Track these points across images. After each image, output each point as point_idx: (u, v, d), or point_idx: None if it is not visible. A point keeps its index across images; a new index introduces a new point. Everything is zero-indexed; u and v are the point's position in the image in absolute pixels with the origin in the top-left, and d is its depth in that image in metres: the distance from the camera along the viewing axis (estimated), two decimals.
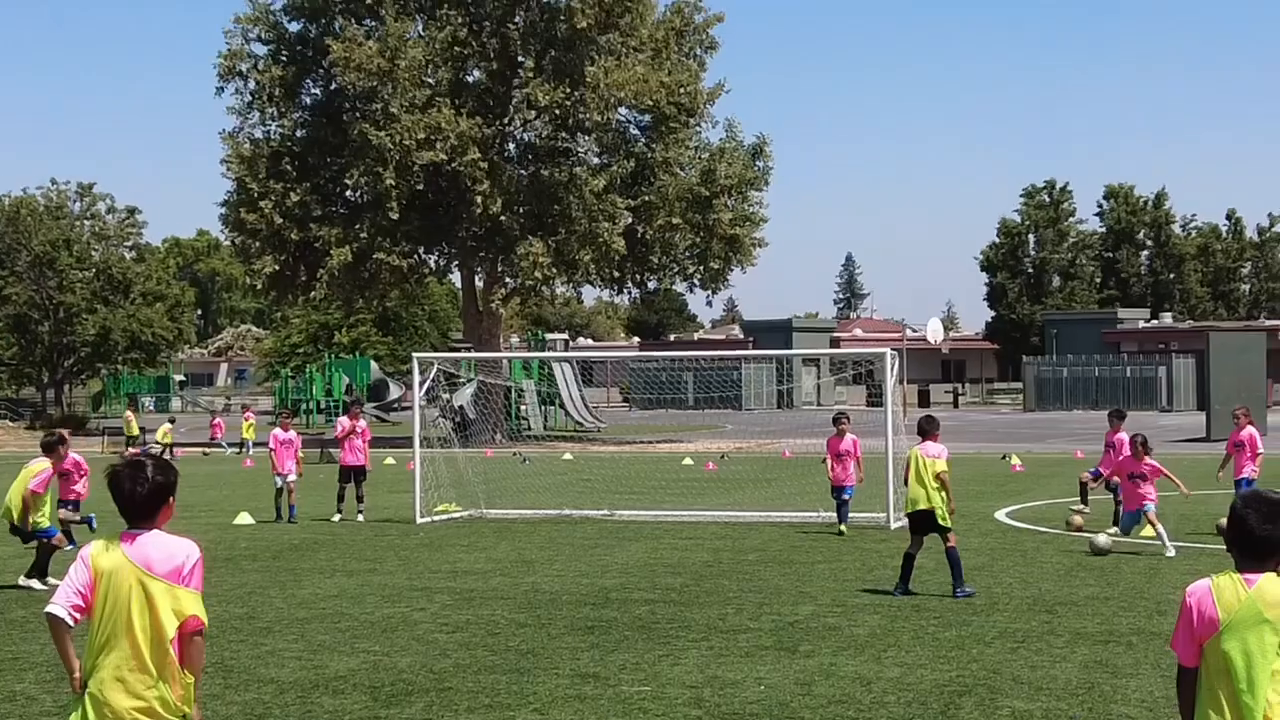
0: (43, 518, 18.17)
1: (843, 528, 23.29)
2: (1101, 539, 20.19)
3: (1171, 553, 19.70)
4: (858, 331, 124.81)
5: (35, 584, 17.90)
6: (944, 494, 16.68)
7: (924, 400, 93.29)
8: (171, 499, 6.62)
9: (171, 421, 56.84)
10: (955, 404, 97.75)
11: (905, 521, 17.52)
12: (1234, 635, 5.97)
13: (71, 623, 6.46)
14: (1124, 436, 23.64)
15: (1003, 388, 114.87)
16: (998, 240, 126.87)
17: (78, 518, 20.96)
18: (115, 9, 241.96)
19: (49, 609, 6.48)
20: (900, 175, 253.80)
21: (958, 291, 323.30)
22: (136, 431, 55.08)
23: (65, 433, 20.21)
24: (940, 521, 16.62)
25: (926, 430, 17.23)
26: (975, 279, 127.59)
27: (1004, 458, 42.53)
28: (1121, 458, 21.73)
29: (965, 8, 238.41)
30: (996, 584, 17.48)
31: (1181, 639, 6.11)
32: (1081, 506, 24.66)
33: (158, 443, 51.52)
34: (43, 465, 18.22)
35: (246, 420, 53.94)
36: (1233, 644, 5.97)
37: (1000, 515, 26.10)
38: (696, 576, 18.46)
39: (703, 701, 11.32)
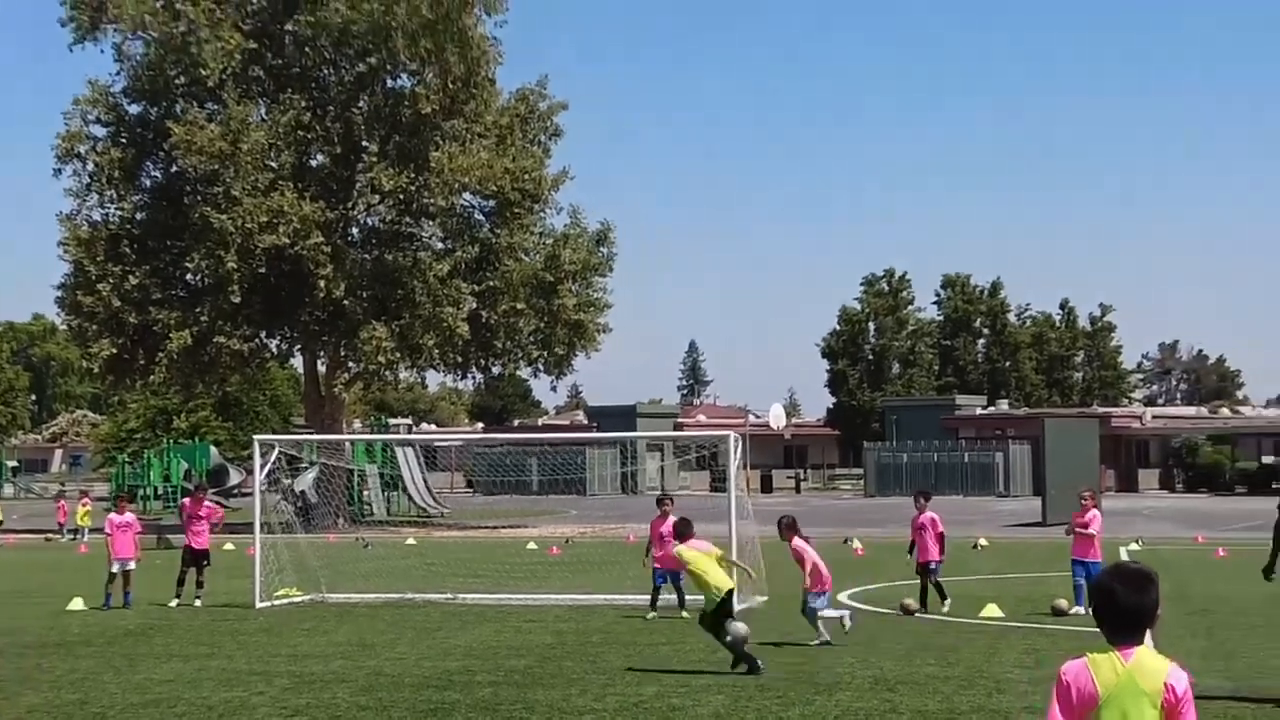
0: None
1: (684, 613, 23.27)
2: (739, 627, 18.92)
3: (823, 639, 19.36)
4: (701, 417, 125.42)
5: None
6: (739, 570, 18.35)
7: (766, 485, 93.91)
8: None
9: None
10: (797, 489, 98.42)
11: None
12: (1113, 709, 5.95)
13: None
14: (932, 516, 24.01)
15: (844, 473, 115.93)
16: (838, 328, 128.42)
17: None
18: None
19: None
20: (742, 263, 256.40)
21: (799, 378, 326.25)
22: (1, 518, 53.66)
23: None
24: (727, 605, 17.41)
25: (686, 533, 18.46)
26: (816, 366, 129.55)
27: (846, 541, 42.85)
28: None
29: (804, 97, 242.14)
30: (839, 663, 17.61)
31: (1059, 716, 6.05)
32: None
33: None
34: None
35: (84, 506, 52.87)
36: (1113, 718, 5.97)
37: (842, 597, 26.29)
38: (540, 658, 18.39)
39: None
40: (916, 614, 23.01)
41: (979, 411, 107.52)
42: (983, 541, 42.52)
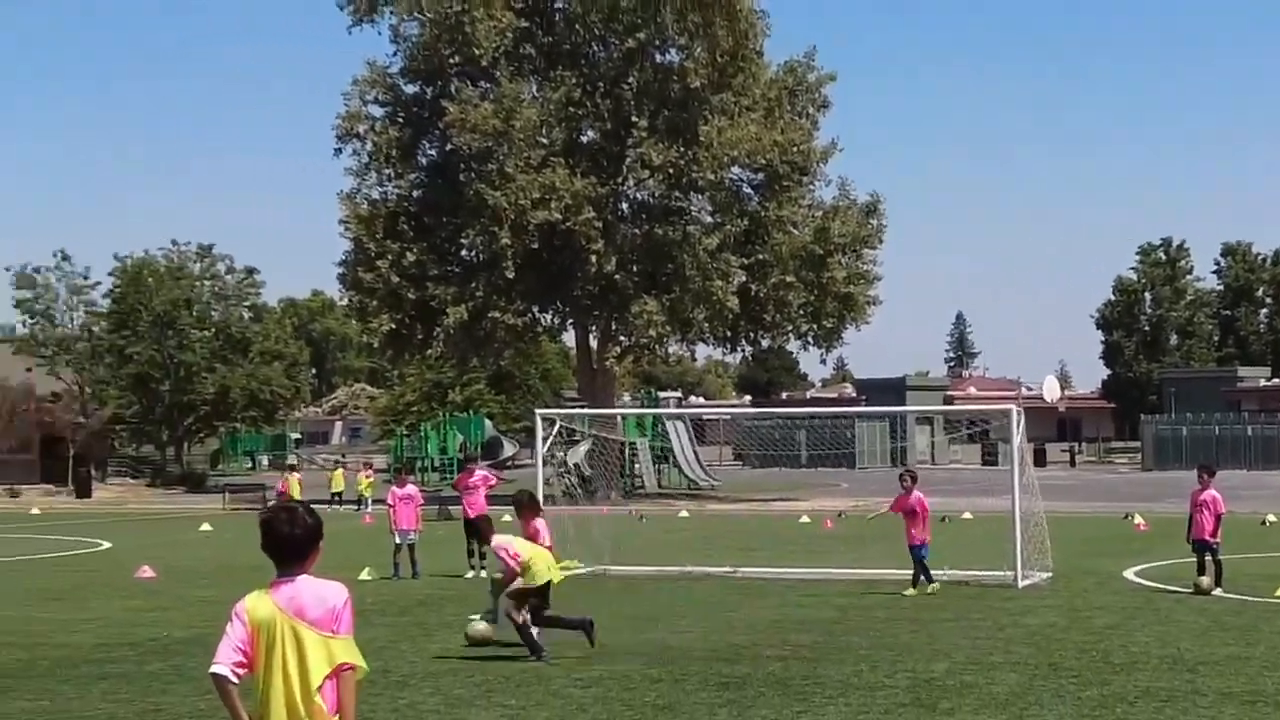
0: None
1: (931, 587, 22.88)
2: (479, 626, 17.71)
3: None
4: (971, 390, 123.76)
5: None
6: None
7: (1040, 459, 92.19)
8: (321, 542, 6.65)
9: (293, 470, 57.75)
10: (1072, 463, 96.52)
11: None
12: None
13: (235, 680, 6.44)
14: (1214, 494, 22.93)
15: (1120, 446, 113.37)
16: (1113, 298, 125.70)
17: None
18: (232, 71, 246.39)
19: (213, 669, 6.45)
20: (1011, 233, 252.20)
21: (1070, 350, 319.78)
22: (298, 493, 55.86)
23: None
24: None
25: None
26: (1088, 337, 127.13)
27: (1126, 517, 41.91)
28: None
29: (1079, 65, 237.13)
30: (1133, 643, 17.20)
31: None
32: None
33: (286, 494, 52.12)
34: None
35: (366, 477, 54.24)
36: None
37: (1129, 574, 25.75)
38: (826, 633, 18.32)
39: None
40: (1212, 593, 22.28)
41: (1263, 383, 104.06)
42: (1270, 518, 41.11)
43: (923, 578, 22.92)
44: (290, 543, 6.57)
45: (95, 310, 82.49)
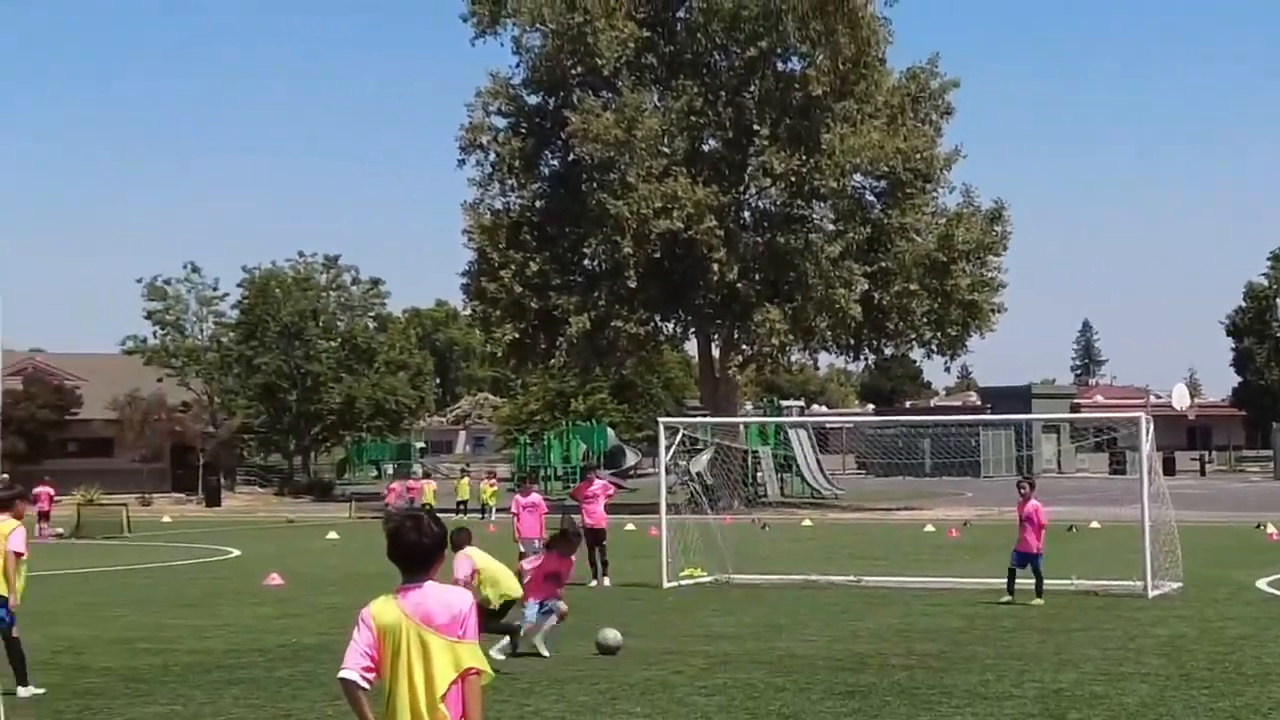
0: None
1: (1008, 597, 22.61)
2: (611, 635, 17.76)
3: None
4: (1099, 398, 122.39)
5: None
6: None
7: (1169, 467, 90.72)
8: (446, 550, 6.74)
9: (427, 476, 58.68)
10: (1202, 472, 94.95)
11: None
12: None
13: (365, 685, 6.52)
14: None
15: (1251, 455, 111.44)
16: (1244, 304, 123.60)
17: None
18: (356, 84, 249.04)
19: (342, 674, 6.54)
20: (1138, 239, 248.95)
21: (1200, 357, 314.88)
22: (467, 494, 56.86)
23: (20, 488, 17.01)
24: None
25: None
26: (1218, 345, 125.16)
27: (1258, 526, 41.17)
28: None
29: (1206, 69, 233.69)
30: (1266, 654, 16.91)
31: None
32: None
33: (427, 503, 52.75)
34: (12, 525, 15.25)
35: (490, 486, 54.59)
36: None
37: (1262, 584, 25.31)
38: (952, 643, 18.17)
39: None
40: None
41: None
42: None
43: (1032, 587, 22.72)
44: (417, 551, 6.65)
45: (224, 321, 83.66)
